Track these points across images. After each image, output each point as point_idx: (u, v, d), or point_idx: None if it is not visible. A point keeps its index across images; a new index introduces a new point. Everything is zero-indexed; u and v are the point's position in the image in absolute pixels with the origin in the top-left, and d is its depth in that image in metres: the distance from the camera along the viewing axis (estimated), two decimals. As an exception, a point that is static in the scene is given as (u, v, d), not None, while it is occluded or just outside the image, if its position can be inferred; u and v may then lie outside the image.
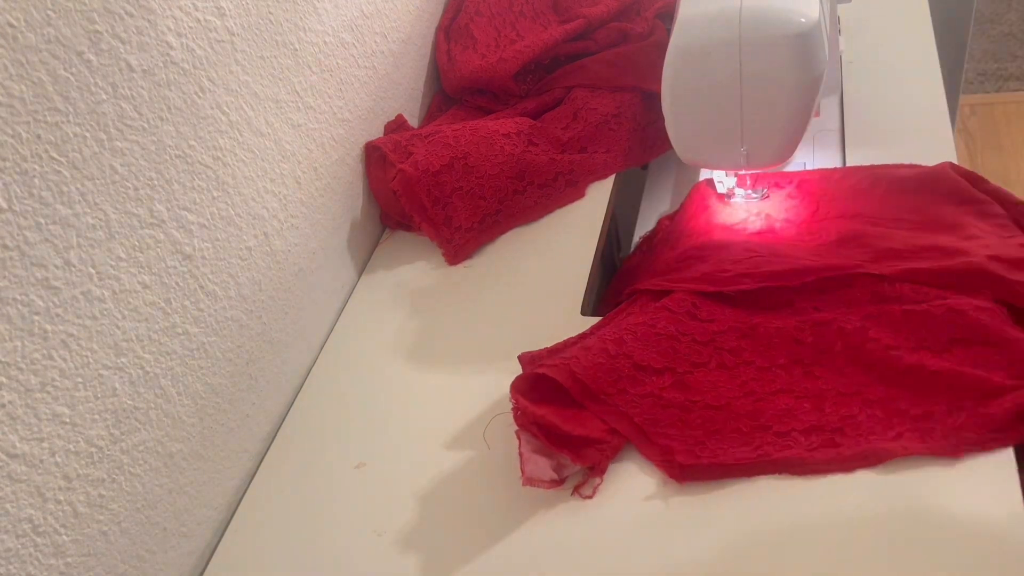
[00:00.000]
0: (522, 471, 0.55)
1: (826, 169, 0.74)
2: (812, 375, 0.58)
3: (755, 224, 0.72)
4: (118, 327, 0.51)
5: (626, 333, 0.61)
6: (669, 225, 0.76)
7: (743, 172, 0.72)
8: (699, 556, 0.52)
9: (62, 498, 0.48)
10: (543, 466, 0.56)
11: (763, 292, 0.63)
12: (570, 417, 0.57)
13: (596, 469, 0.57)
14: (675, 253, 0.70)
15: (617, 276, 0.79)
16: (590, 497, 0.56)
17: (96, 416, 0.50)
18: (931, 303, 0.58)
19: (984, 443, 0.52)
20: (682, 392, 0.59)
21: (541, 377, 0.58)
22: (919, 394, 0.55)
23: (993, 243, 0.62)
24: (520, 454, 0.56)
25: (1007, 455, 0.52)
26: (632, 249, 0.79)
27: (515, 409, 0.56)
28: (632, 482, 0.57)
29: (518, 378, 0.59)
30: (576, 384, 0.58)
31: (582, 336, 0.65)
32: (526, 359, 0.64)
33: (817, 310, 0.61)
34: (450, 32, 0.92)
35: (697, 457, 0.55)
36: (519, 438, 0.56)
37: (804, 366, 0.58)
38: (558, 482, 0.56)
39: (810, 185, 0.73)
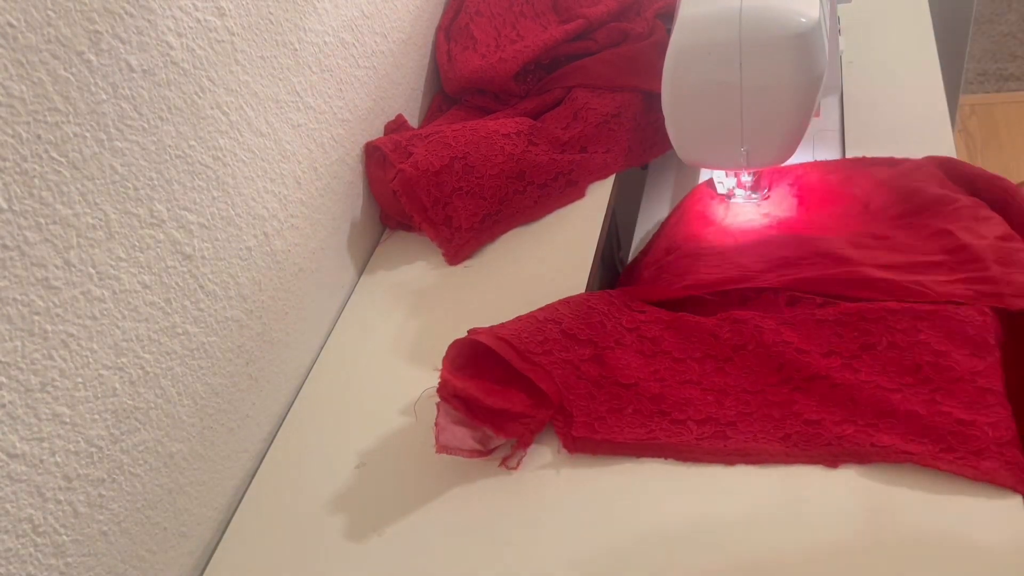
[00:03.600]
0: (436, 439, 0.57)
1: (823, 163, 0.75)
2: (723, 371, 0.60)
3: (752, 223, 0.72)
4: (118, 327, 0.51)
5: (559, 303, 0.64)
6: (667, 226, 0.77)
7: (743, 172, 0.72)
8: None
9: (62, 498, 0.48)
10: (461, 436, 0.58)
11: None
12: (494, 391, 0.58)
13: (521, 442, 0.59)
14: (665, 244, 0.72)
15: (620, 280, 0.80)
16: (515, 468, 0.58)
17: (96, 416, 0.50)
18: (863, 309, 0.59)
19: (864, 456, 0.53)
20: (598, 367, 0.61)
21: (474, 350, 0.60)
22: (817, 400, 0.56)
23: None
24: (436, 423, 0.58)
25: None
26: (633, 251, 0.80)
27: (439, 381, 0.58)
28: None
29: (450, 347, 0.60)
30: (501, 343, 0.59)
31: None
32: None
33: (742, 304, 0.63)
34: (450, 32, 0.92)
35: (593, 431, 0.58)
36: (439, 409, 0.58)
37: (717, 361, 0.60)
38: (483, 452, 0.58)
39: (809, 179, 0.73)
